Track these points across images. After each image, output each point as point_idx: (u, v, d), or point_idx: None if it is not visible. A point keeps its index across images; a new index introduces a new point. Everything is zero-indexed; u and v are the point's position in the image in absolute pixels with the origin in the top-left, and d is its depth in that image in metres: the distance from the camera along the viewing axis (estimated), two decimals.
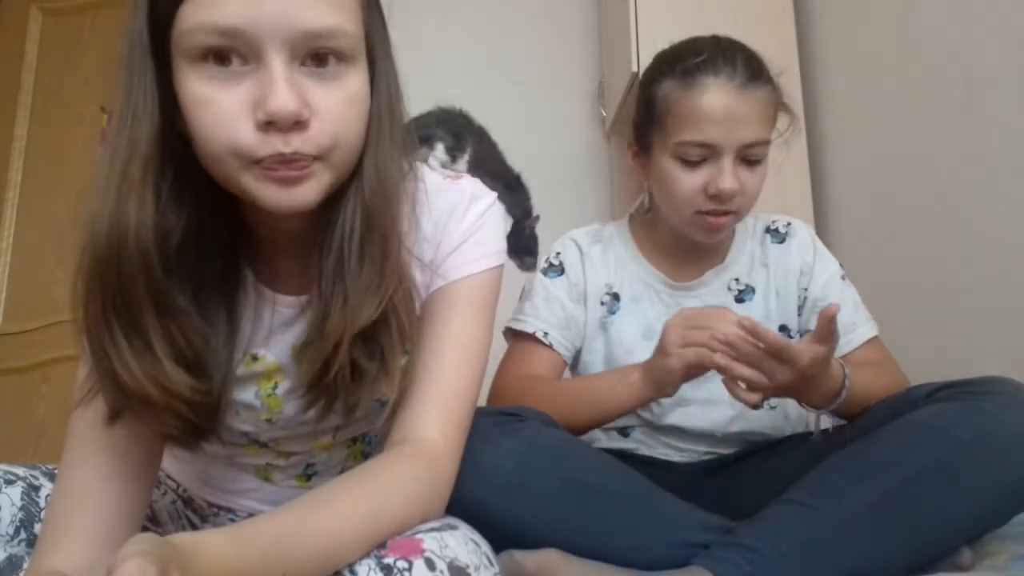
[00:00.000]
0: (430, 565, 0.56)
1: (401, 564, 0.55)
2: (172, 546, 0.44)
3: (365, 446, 0.86)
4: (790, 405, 1.11)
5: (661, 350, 0.89)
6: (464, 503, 0.69)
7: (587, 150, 2.37)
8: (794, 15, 1.91)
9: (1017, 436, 0.75)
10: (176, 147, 0.60)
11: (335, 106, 0.59)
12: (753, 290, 1.10)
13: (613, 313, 1.12)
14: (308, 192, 0.60)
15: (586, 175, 2.35)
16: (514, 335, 1.12)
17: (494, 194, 0.79)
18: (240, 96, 0.56)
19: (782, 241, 1.12)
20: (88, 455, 0.65)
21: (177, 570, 0.42)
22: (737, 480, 1.03)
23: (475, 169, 1.05)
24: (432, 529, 0.61)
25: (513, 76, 2.38)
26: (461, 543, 0.61)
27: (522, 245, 1.05)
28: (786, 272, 1.10)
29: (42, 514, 0.68)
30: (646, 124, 1.06)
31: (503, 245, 0.78)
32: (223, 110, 0.56)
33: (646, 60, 1.85)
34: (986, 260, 1.29)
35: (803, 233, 1.12)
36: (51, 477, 0.73)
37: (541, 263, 1.15)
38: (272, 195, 0.59)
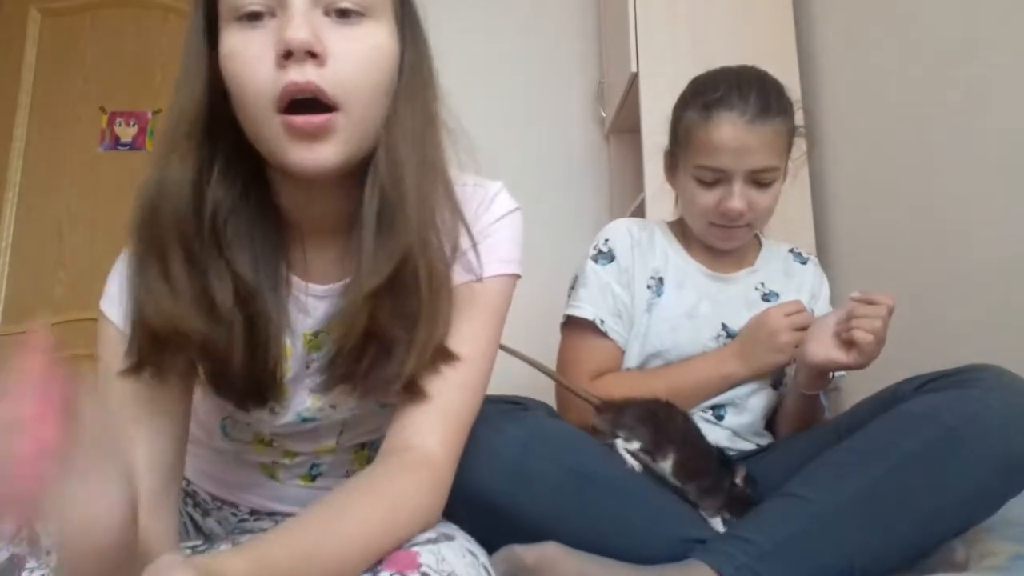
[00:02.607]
0: None
1: None
2: None
3: (371, 452, 0.85)
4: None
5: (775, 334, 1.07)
6: (466, 486, 0.69)
7: (586, 150, 2.37)
8: (794, 15, 1.91)
9: (1002, 418, 0.77)
10: (223, 118, 0.65)
11: (354, 50, 0.63)
12: (777, 295, 1.19)
13: (659, 295, 1.16)
14: (330, 151, 0.63)
15: (585, 175, 2.35)
16: (569, 322, 1.16)
17: (515, 204, 0.78)
18: (264, 39, 0.62)
19: (804, 263, 1.25)
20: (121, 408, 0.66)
21: None
22: None
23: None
24: (428, 541, 0.60)
25: (513, 76, 2.38)
26: (459, 555, 0.60)
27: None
28: (801, 288, 1.22)
29: None
30: (674, 144, 1.18)
31: (517, 255, 0.77)
32: (249, 54, 0.62)
33: (645, 60, 1.88)
34: (987, 260, 1.29)
35: (816, 265, 1.27)
36: None
37: (590, 250, 1.19)
38: (296, 153, 0.63)
